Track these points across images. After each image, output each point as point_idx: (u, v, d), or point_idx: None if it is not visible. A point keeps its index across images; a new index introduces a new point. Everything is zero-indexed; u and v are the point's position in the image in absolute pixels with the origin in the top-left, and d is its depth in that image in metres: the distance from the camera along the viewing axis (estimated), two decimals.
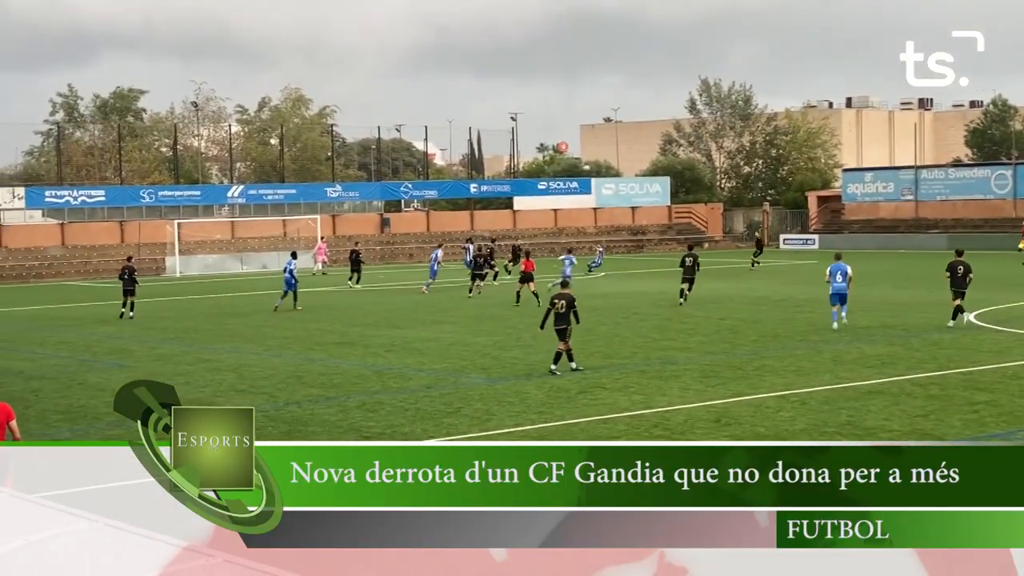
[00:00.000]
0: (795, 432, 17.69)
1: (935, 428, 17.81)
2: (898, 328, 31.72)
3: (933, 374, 23.22)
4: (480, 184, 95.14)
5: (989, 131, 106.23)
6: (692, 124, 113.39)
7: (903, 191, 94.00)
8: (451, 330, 33.87)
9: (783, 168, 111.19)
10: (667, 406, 20.19)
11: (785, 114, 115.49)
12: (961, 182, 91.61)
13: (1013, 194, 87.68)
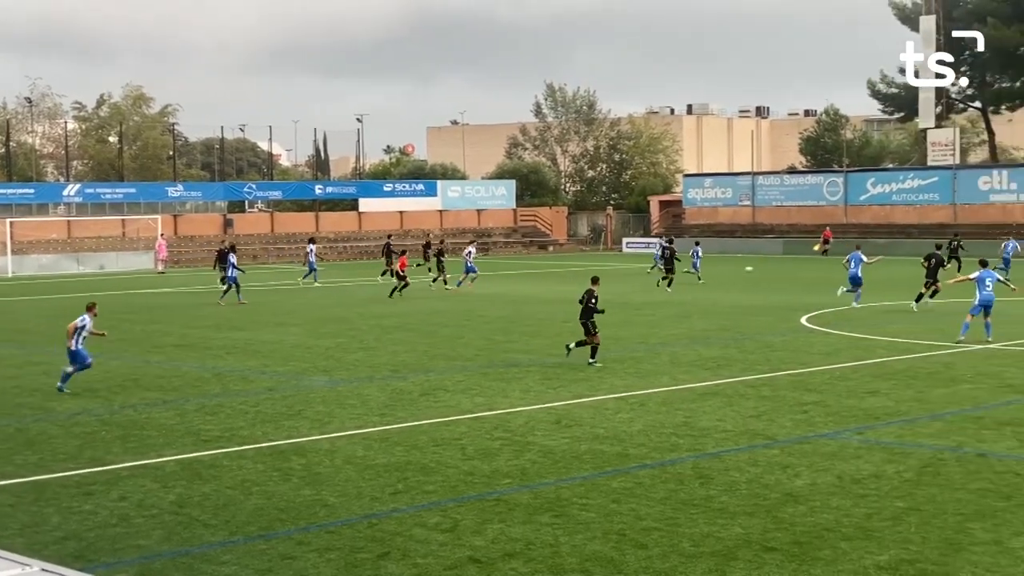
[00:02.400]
0: (633, 433, 18.00)
1: (766, 428, 18.30)
2: (733, 331, 32.46)
3: (765, 376, 23.84)
4: (326, 185, 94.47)
5: (822, 139, 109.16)
6: (538, 128, 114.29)
7: (741, 197, 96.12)
8: (294, 332, 33.61)
9: (626, 172, 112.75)
10: (509, 408, 20.36)
11: (628, 119, 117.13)
12: (795, 188, 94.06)
13: (844, 200, 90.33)
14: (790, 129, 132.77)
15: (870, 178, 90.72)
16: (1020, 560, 11.46)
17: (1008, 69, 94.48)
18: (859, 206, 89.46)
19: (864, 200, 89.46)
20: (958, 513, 13.14)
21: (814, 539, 12.29)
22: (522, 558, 11.81)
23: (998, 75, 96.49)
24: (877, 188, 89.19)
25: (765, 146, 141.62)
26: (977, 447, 16.63)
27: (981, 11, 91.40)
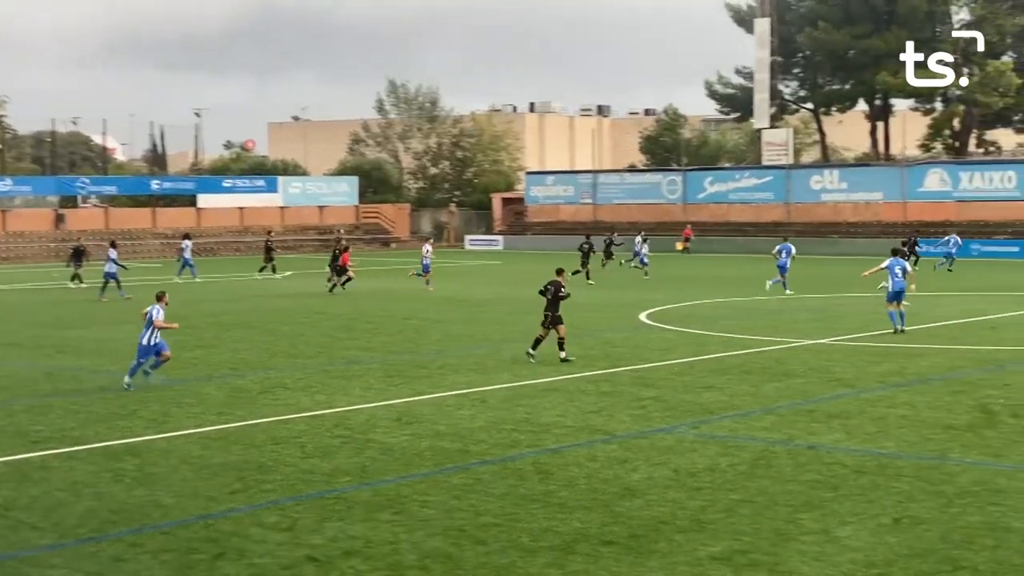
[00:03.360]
0: (474, 429, 18.04)
1: (605, 423, 18.51)
2: (574, 328, 32.68)
3: (605, 372, 24.11)
4: (163, 181, 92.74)
5: (662, 138, 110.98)
6: (380, 125, 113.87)
7: (582, 195, 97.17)
8: (129, 330, 32.82)
9: (469, 170, 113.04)
10: (349, 406, 20.23)
11: (471, 117, 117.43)
12: (636, 187, 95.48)
13: (683, 199, 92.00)
14: (630, 128, 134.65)
15: (708, 177, 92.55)
16: (846, 549, 11.78)
17: (838, 72, 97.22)
18: (697, 204, 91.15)
19: (702, 198, 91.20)
20: (788, 504, 13.46)
21: (650, 532, 12.47)
22: (361, 556, 11.74)
23: (829, 77, 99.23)
24: (714, 187, 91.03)
25: (606, 145, 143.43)
26: (807, 440, 17.06)
27: (813, 15, 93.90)
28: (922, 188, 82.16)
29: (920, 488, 14.14)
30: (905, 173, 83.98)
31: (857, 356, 26.17)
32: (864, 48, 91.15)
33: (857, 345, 28.30)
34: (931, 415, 18.85)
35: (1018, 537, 12.09)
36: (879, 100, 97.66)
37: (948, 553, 11.62)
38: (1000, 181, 79.60)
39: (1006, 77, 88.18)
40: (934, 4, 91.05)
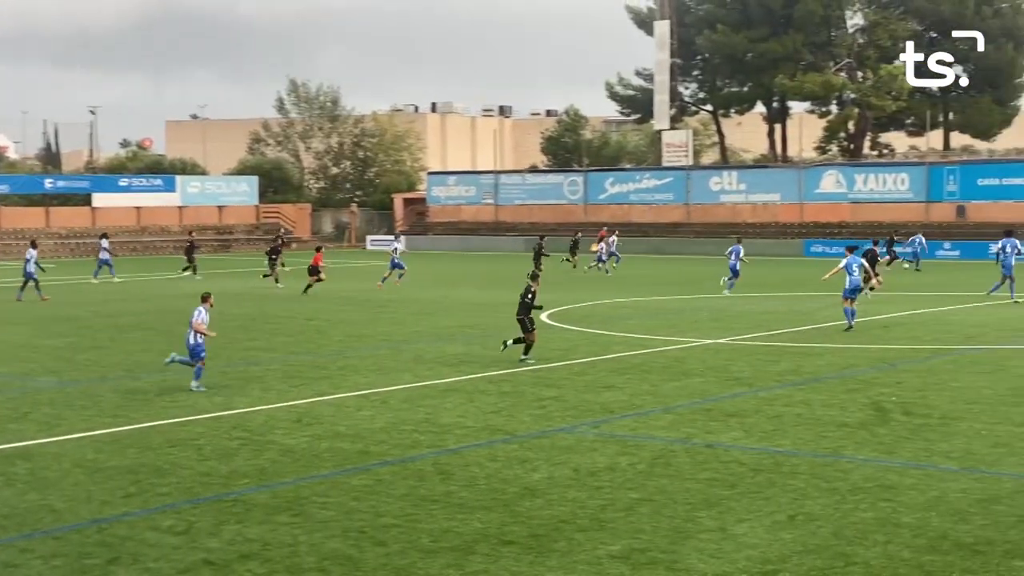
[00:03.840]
0: (375, 430, 17.96)
1: (506, 423, 18.54)
2: (477, 328, 32.80)
3: (506, 372, 24.15)
4: (56, 179, 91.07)
5: (563, 139, 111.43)
6: (281, 124, 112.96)
7: (484, 195, 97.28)
8: (19, 331, 32.29)
9: (370, 170, 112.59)
10: (248, 407, 20.04)
11: (373, 117, 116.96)
12: (537, 187, 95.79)
13: (584, 199, 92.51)
14: (532, 129, 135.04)
15: (608, 178, 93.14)
16: (743, 546, 11.93)
17: (737, 74, 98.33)
18: (598, 205, 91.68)
19: (603, 199, 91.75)
20: (687, 502, 13.59)
21: (550, 531, 12.51)
22: (259, 559, 11.63)
23: (727, 80, 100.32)
24: (615, 187, 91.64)
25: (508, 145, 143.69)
26: (705, 438, 17.24)
27: (711, 18, 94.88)
28: (818, 190, 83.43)
29: (815, 485, 14.35)
30: (802, 175, 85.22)
31: (754, 355, 26.50)
32: (761, 51, 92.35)
33: (755, 344, 28.66)
34: (826, 413, 19.14)
35: (908, 532, 12.33)
36: (776, 102, 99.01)
37: (841, 549, 11.81)
38: (893, 183, 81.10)
39: (899, 81, 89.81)
40: (829, 9, 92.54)
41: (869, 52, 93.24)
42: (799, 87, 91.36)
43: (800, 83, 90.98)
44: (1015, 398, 20.35)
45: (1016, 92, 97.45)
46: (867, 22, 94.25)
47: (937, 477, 14.71)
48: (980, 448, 16.36)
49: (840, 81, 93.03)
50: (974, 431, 17.52)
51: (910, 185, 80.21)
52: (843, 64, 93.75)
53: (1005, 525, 12.52)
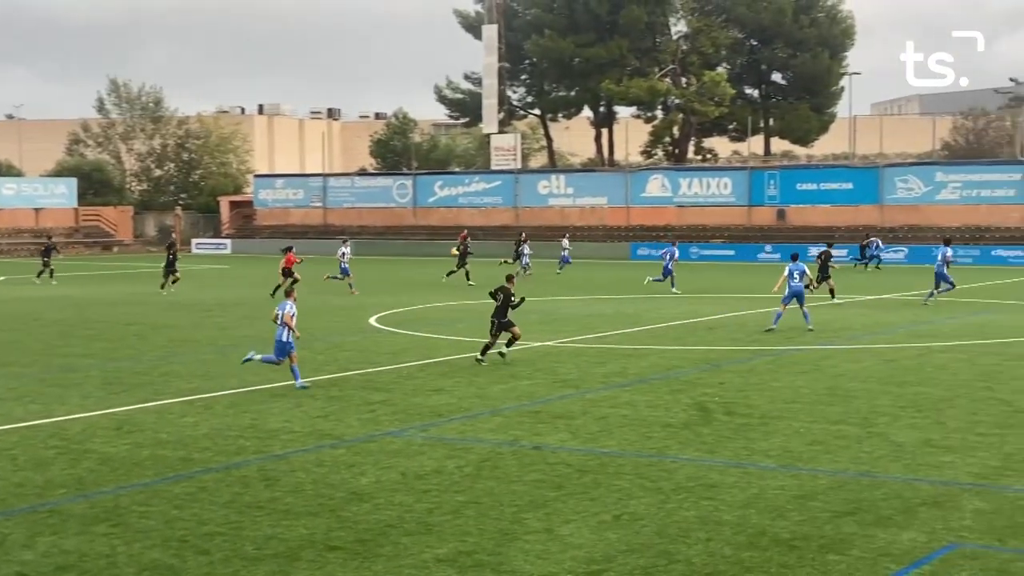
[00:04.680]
0: (198, 437, 17.63)
1: (334, 428, 18.38)
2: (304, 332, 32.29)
3: (334, 376, 23.95)
4: None
5: (392, 142, 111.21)
6: (101, 124, 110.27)
7: (312, 198, 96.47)
8: None
9: (195, 172, 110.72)
10: (66, 415, 19.47)
11: (197, 118, 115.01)
12: (366, 190, 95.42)
13: (413, 202, 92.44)
14: (361, 131, 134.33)
15: (438, 181, 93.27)
16: (568, 546, 12.02)
17: (564, 79, 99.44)
18: (427, 208, 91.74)
19: (432, 202, 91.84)
20: (513, 504, 13.65)
21: (377, 536, 12.43)
22: (75, 571, 11.30)
23: (555, 84, 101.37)
24: (444, 191, 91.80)
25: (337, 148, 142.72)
26: (533, 440, 17.35)
27: (539, 22, 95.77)
28: (644, 193, 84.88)
29: (639, 485, 14.56)
30: (628, 179, 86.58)
31: (581, 357, 26.79)
32: (588, 56, 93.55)
33: (582, 346, 28.97)
34: (651, 414, 19.44)
35: (729, 529, 12.58)
36: (603, 107, 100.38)
37: (664, 547, 11.99)
38: (717, 187, 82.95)
39: (721, 87, 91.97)
40: (654, 15, 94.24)
41: (692, 58, 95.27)
42: (625, 92, 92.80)
43: (626, 88, 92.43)
44: (831, 397, 20.96)
45: (833, 99, 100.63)
46: (690, 29, 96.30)
47: (756, 475, 15.05)
48: (797, 446, 16.80)
49: (665, 87, 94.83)
50: (792, 430, 17.98)
51: (733, 189, 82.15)
52: (667, 70, 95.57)
53: (820, 520, 12.87)
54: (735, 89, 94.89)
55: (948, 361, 25.56)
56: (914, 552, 11.75)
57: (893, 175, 78.02)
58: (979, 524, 12.73)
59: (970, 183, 75.42)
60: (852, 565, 11.39)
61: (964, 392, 21.33)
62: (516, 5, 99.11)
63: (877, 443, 16.92)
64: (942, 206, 75.54)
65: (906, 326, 32.95)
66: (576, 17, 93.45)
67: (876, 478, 14.85)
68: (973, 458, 15.91)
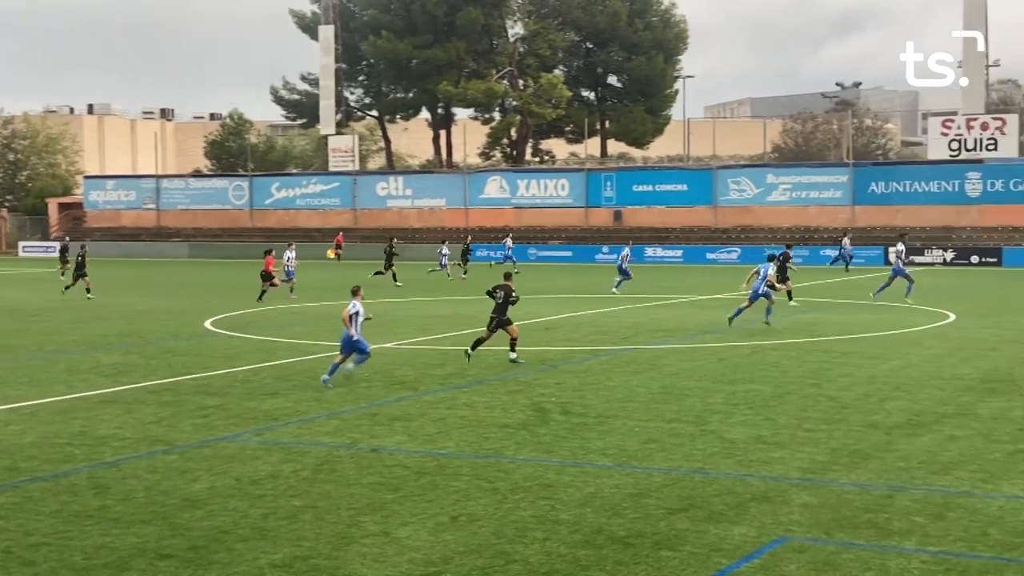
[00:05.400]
0: (24, 445, 17.10)
1: (167, 434, 18.01)
2: (136, 336, 31.78)
3: (167, 381, 23.48)
4: None
5: (227, 143, 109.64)
6: None
7: (145, 200, 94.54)
8: None
9: (22, 173, 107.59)
10: None
11: (23, 118, 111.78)
12: (201, 192, 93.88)
13: (250, 204, 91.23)
14: (195, 132, 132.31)
15: (275, 182, 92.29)
16: (406, 549, 11.97)
17: (402, 80, 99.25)
18: (264, 210, 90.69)
19: (269, 204, 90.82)
20: (351, 508, 13.54)
21: (211, 542, 12.21)
22: None
23: (393, 86, 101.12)
24: (281, 192, 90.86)
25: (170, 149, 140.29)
26: (370, 443, 17.24)
27: (376, 24, 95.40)
28: (483, 195, 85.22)
29: (477, 486, 14.57)
30: (467, 180, 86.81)
31: (419, 359, 26.75)
32: (426, 58, 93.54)
33: (420, 348, 28.93)
34: (489, 415, 19.49)
35: (566, 528, 12.67)
36: (441, 109, 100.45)
37: (502, 547, 12.02)
38: (554, 189, 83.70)
39: (558, 89, 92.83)
40: (491, 18, 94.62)
41: (529, 61, 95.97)
42: (463, 94, 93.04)
43: (464, 90, 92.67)
44: (665, 396, 21.28)
45: (667, 102, 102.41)
46: (527, 32, 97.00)
47: (593, 474, 15.19)
48: (633, 445, 17.01)
49: (502, 89, 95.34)
50: (627, 428, 18.20)
51: (570, 191, 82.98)
52: (505, 72, 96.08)
53: (655, 518, 13.05)
54: (572, 91, 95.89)
55: (779, 359, 26.18)
56: (744, 546, 11.99)
57: (726, 176, 79.71)
58: (807, 518, 13.05)
59: (800, 185, 77.46)
60: (684, 561, 11.58)
61: (794, 389, 21.86)
62: (353, 6, 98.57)
63: (710, 440, 17.23)
64: (773, 207, 77.42)
65: (738, 325, 33.63)
66: (413, 19, 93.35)
67: (709, 475, 15.13)
68: (802, 453, 16.31)
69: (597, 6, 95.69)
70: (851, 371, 24.20)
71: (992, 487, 14.34)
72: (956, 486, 14.44)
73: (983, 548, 11.93)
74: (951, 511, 13.28)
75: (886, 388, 21.87)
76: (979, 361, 25.57)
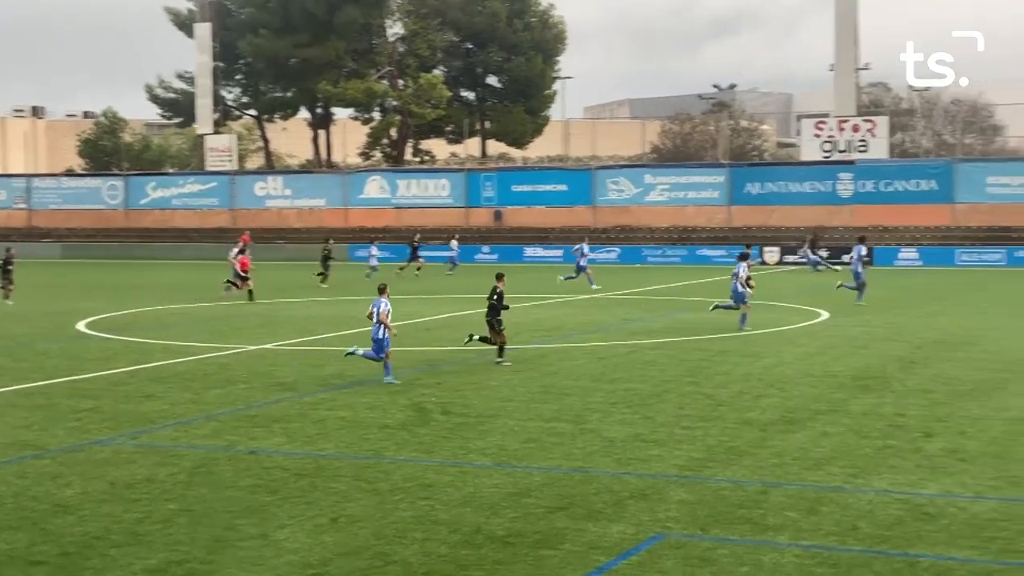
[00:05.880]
0: None
1: (38, 438, 17.64)
2: (6, 339, 31.10)
3: (39, 384, 23.00)
4: None
5: (101, 142, 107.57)
6: None
7: (15, 199, 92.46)
8: None
9: None
10: None
11: None
12: (74, 192, 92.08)
13: (125, 204, 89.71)
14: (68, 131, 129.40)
15: (150, 182, 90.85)
16: (284, 551, 11.88)
17: (280, 79, 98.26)
18: (140, 210, 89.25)
19: (145, 204, 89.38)
20: (228, 511, 13.40)
21: (83, 548, 11.99)
22: None
23: (271, 84, 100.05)
24: (158, 192, 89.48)
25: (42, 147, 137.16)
26: (249, 445, 17.08)
27: (254, 22, 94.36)
28: (363, 195, 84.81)
29: (357, 487, 14.51)
30: (346, 180, 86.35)
31: (300, 360, 26.55)
32: (305, 57, 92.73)
33: (301, 349, 28.72)
34: (369, 416, 19.42)
35: (445, 528, 12.68)
36: (320, 108, 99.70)
37: (381, 548, 11.99)
38: (435, 189, 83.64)
39: (437, 90, 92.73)
40: (370, 17, 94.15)
41: (409, 61, 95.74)
42: (342, 94, 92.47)
43: (343, 90, 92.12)
44: (545, 395, 21.40)
45: (546, 103, 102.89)
46: (407, 32, 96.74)
47: (472, 474, 15.23)
48: (513, 444, 17.08)
49: (382, 88, 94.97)
50: (508, 428, 18.27)
51: (451, 191, 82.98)
52: (384, 72, 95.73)
53: (535, 517, 13.12)
54: (451, 92, 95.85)
55: (657, 357, 26.48)
56: (623, 544, 12.11)
57: (605, 177, 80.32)
58: (683, 514, 13.23)
59: (677, 185, 78.35)
60: (564, 559, 11.66)
61: (672, 387, 22.14)
62: (230, 4, 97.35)
63: (589, 439, 17.37)
64: (651, 207, 78.21)
65: (617, 324, 33.96)
66: (292, 17, 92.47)
67: (588, 473, 15.25)
68: (679, 451, 16.52)
69: (476, 6, 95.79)
70: (728, 369, 24.57)
71: (862, 482, 14.67)
72: (828, 481, 14.75)
73: (853, 541, 12.21)
74: (823, 506, 13.56)
75: (761, 386, 22.25)
76: (851, 359, 26.14)
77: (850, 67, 75.86)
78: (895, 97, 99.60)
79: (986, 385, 22.23)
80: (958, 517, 13.02)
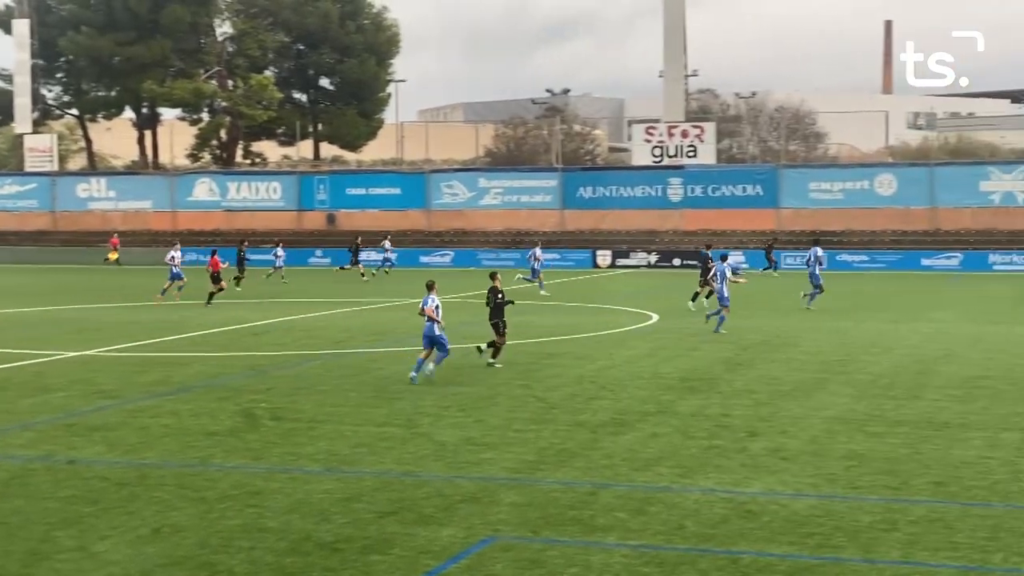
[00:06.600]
0: None
1: None
2: None
3: None
4: None
5: None
6: None
7: None
8: None
9: None
10: None
11: None
12: None
13: None
14: None
15: None
16: (104, 563, 11.50)
17: (104, 78, 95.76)
18: None
19: None
20: (45, 522, 12.93)
21: None
22: None
23: (94, 84, 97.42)
24: None
25: None
26: (67, 454, 16.54)
27: (75, 19, 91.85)
28: (191, 197, 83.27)
29: (182, 496, 14.15)
30: (174, 182, 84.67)
31: (122, 366, 25.87)
32: (129, 55, 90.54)
33: (122, 355, 27.98)
34: (195, 423, 18.98)
35: (273, 536, 12.44)
36: (146, 108, 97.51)
37: (207, 558, 11.70)
38: (266, 191, 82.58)
39: (268, 91, 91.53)
40: (197, 16, 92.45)
41: (239, 61, 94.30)
42: (169, 93, 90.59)
43: (170, 89, 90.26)
44: (377, 400, 21.23)
45: (380, 105, 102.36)
46: (236, 31, 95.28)
47: (302, 480, 14.99)
48: (343, 449, 16.88)
49: (210, 89, 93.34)
50: (338, 433, 18.05)
51: (282, 194, 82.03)
52: (213, 72, 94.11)
53: (364, 522, 12.96)
54: (283, 93, 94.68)
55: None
56: (452, 547, 12.04)
57: (439, 180, 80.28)
58: (514, 517, 13.21)
59: (511, 189, 78.74)
60: (393, 564, 11.53)
61: (504, 390, 22.15)
62: (49, 0, 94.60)
63: (421, 443, 17.26)
64: (485, 210, 78.44)
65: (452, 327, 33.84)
66: (115, 15, 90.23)
67: (419, 477, 15.14)
68: (510, 454, 16.52)
69: (308, 7, 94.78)
70: (559, 372, 24.72)
71: (689, 481, 14.86)
72: (656, 481, 14.90)
73: (680, 540, 12.34)
74: (651, 506, 13.69)
75: (592, 388, 22.43)
76: (679, 360, 26.54)
77: (679, 74, 77.25)
78: (723, 104, 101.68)
79: (806, 385, 22.78)
80: (779, 514, 13.28)
